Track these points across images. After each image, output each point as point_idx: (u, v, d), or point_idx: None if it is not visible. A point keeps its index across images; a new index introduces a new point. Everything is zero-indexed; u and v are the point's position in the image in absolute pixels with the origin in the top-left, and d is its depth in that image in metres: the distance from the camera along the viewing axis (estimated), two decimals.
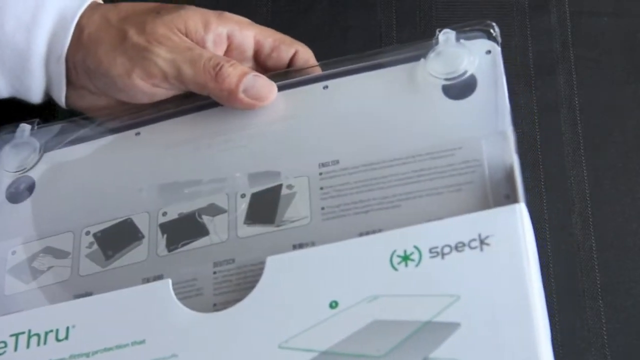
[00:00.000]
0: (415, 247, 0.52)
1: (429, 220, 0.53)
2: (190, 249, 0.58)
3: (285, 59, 0.63)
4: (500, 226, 0.51)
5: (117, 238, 0.59)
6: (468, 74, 0.58)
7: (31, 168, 0.63)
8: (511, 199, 0.53)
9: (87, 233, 0.60)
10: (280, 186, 0.58)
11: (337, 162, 0.58)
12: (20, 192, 0.63)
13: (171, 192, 0.60)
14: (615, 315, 0.61)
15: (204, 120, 0.61)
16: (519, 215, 0.51)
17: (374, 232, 0.54)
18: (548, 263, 0.61)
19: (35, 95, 0.64)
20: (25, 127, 0.64)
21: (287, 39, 0.63)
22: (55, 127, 0.64)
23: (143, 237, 0.59)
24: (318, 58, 0.67)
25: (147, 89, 0.60)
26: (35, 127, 0.64)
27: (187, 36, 0.60)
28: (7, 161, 0.63)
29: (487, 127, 0.56)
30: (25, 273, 0.60)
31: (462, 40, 0.59)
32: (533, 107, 0.66)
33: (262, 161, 0.59)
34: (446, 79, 0.58)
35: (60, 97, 0.63)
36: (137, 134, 0.63)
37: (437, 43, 0.59)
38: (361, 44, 0.68)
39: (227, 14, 0.62)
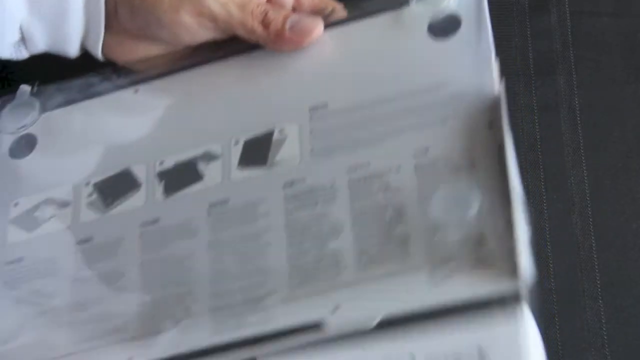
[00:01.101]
0: (411, 355, 0.52)
1: (416, 150, 0.56)
2: (186, 193, 0.60)
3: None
4: (501, 341, 0.51)
5: (116, 187, 0.61)
6: (451, 13, 0.60)
7: (32, 125, 0.65)
8: (494, 126, 0.55)
9: (87, 184, 0.62)
10: (272, 132, 0.60)
11: (326, 105, 0.60)
12: (21, 148, 0.65)
13: (167, 142, 0.62)
14: (615, 315, 0.61)
15: (199, 78, 0.64)
16: (521, 325, 0.50)
17: (361, 166, 0.57)
18: (548, 263, 0.61)
19: (73, 45, 0.64)
20: (25, 89, 0.66)
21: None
22: (54, 87, 0.65)
23: (141, 184, 0.61)
24: None
25: (194, 27, 0.61)
26: (35, 88, 0.66)
27: None
28: (8, 121, 0.65)
29: (472, 62, 0.58)
30: (27, 222, 0.61)
31: None
32: (533, 107, 0.66)
33: (255, 108, 0.61)
34: (431, 20, 0.60)
35: (97, 44, 0.63)
36: (135, 91, 0.64)
37: None
38: None
39: None
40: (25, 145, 0.65)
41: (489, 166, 0.54)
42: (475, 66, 0.58)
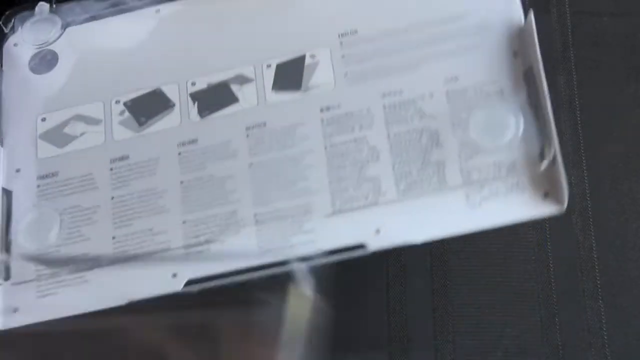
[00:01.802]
0: None
1: (445, 77, 0.59)
2: (222, 114, 0.61)
3: None
4: None
5: (148, 106, 0.62)
6: None
7: (54, 42, 0.66)
8: (519, 54, 0.58)
9: (117, 102, 0.63)
10: (303, 56, 0.62)
11: (356, 31, 0.62)
12: (43, 63, 0.65)
13: (196, 63, 0.63)
14: (615, 315, 0.61)
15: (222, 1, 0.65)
16: None
17: (395, 92, 0.59)
18: (548, 263, 0.61)
19: None
20: (44, 5, 0.67)
21: None
22: (73, 5, 0.66)
23: (174, 105, 0.62)
24: None
25: None
26: (54, 5, 0.67)
27: None
28: (29, 35, 0.66)
29: None
30: (58, 138, 0.63)
31: None
32: None
33: (285, 32, 0.63)
34: None
35: None
36: (157, 11, 0.65)
37: None
38: None
39: None
40: (46, 60, 0.66)
41: (517, 93, 0.58)
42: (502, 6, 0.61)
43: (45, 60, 0.66)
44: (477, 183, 0.57)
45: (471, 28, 0.60)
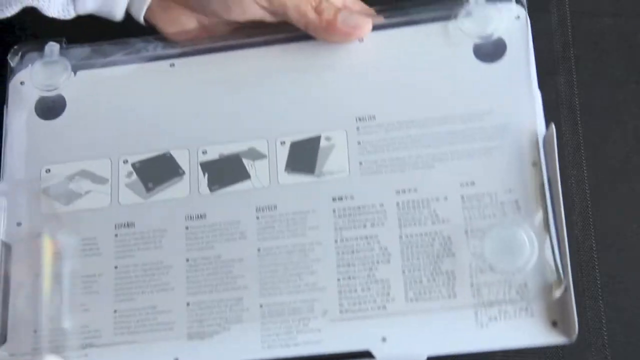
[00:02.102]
0: None
1: (462, 181, 0.58)
2: (233, 190, 0.60)
3: None
4: None
5: (157, 171, 0.61)
6: (498, 37, 0.61)
7: (62, 86, 0.64)
8: (538, 166, 0.57)
9: (125, 162, 0.62)
10: (319, 137, 0.60)
11: (374, 117, 0.61)
12: (50, 108, 0.64)
13: (209, 129, 0.62)
14: (615, 315, 0.61)
15: (239, 60, 0.63)
16: None
17: (409, 190, 0.58)
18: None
19: (120, 7, 0.63)
20: (54, 46, 0.65)
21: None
22: (85, 49, 0.65)
23: (183, 173, 0.61)
24: None
25: (248, 1, 0.61)
26: (64, 46, 0.65)
27: None
28: (38, 77, 0.64)
29: (516, 92, 0.60)
30: (63, 194, 0.61)
31: (491, 2, 0.62)
32: None
33: (301, 109, 0.61)
34: (477, 40, 0.61)
35: (143, 6, 0.63)
36: (172, 65, 0.64)
37: (467, 1, 0.62)
38: None
39: None
40: (54, 105, 0.64)
41: (533, 208, 0.57)
42: (520, 97, 0.60)
43: (52, 105, 0.64)
44: (487, 301, 0.56)
45: (491, 130, 0.59)
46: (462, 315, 0.56)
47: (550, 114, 0.66)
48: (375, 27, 0.62)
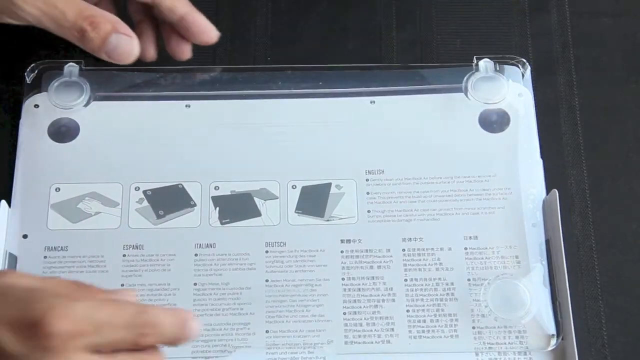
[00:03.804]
0: None
1: (465, 235, 0.61)
2: (243, 225, 0.62)
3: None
4: None
5: (168, 200, 0.62)
6: (502, 110, 0.64)
7: (78, 110, 0.64)
8: (537, 227, 0.61)
9: (137, 189, 0.62)
10: (329, 184, 0.63)
11: (382, 171, 0.63)
12: (64, 132, 0.64)
13: (221, 167, 0.63)
14: (615, 315, 0.61)
15: (255, 108, 0.65)
16: None
17: (415, 239, 0.61)
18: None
19: None
20: (73, 67, 0.65)
21: None
22: (105, 74, 0.65)
23: (195, 205, 0.62)
24: (319, 57, 0.67)
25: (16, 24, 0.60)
26: (83, 67, 0.65)
27: None
28: (54, 98, 0.64)
29: (519, 160, 0.63)
30: (71, 212, 0.62)
31: (497, 72, 0.65)
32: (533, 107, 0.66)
33: (313, 157, 0.63)
34: (482, 111, 0.64)
35: None
36: (187, 106, 0.65)
37: (476, 70, 0.65)
38: (361, 44, 0.68)
39: None
40: (67, 129, 0.64)
41: (532, 264, 0.60)
42: (523, 165, 0.63)
43: (66, 129, 0.64)
44: (487, 344, 0.58)
45: (494, 192, 0.62)
46: (464, 356, 0.58)
47: (550, 114, 0.66)
48: (388, 92, 0.65)
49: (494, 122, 0.64)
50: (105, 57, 0.60)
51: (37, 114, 0.64)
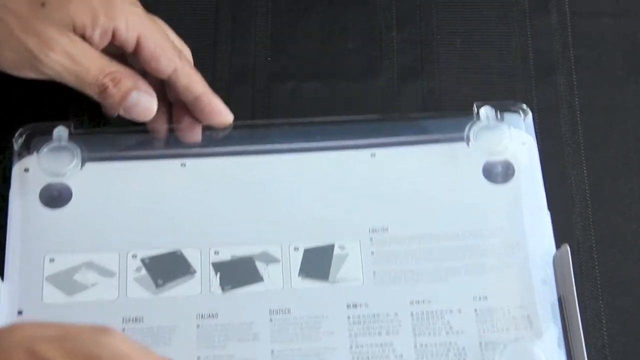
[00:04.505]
0: None
1: (475, 295, 0.59)
2: (245, 292, 0.59)
3: (164, 72, 0.61)
4: None
5: (167, 268, 0.60)
6: (507, 161, 0.63)
7: (69, 175, 0.62)
8: (547, 283, 0.59)
9: (134, 256, 0.60)
10: (332, 246, 0.61)
11: (387, 229, 0.61)
12: (56, 197, 0.62)
13: (221, 230, 0.61)
14: (615, 315, 0.61)
15: (252, 166, 0.63)
16: None
17: (423, 301, 0.59)
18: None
19: None
20: (62, 130, 0.63)
21: (170, 49, 0.61)
22: (96, 136, 0.63)
23: (195, 272, 0.60)
24: (319, 58, 0.67)
25: (36, 78, 0.60)
26: (72, 130, 0.63)
27: (74, 31, 0.59)
28: (44, 164, 0.62)
29: (526, 213, 0.61)
30: (67, 284, 0.59)
31: (499, 121, 0.63)
32: (533, 107, 0.66)
33: (315, 217, 0.61)
34: (486, 162, 0.62)
35: None
36: (183, 165, 0.63)
37: (477, 119, 0.63)
38: (361, 44, 0.68)
39: (118, 4, 0.60)
40: (59, 195, 0.61)
41: (545, 324, 0.58)
42: (529, 218, 0.61)
43: (58, 194, 0.61)
44: None
45: (502, 247, 0.60)
46: None
47: (550, 114, 0.66)
48: (388, 144, 0.63)
49: (498, 173, 0.62)
50: (122, 113, 0.60)
51: (27, 178, 0.62)
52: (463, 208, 0.61)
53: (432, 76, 0.67)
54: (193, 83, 0.62)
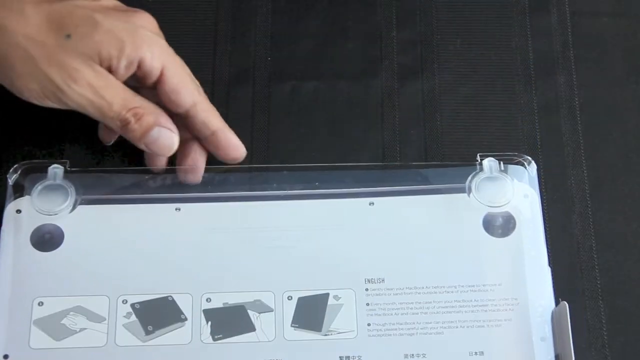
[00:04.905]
0: None
1: (471, 350, 0.58)
2: (237, 342, 0.59)
3: (184, 106, 0.61)
4: None
5: (157, 314, 0.59)
6: (508, 213, 0.62)
7: (63, 216, 0.61)
8: (546, 341, 0.58)
9: (125, 302, 0.59)
10: (327, 295, 0.60)
11: (383, 280, 0.60)
12: (47, 239, 0.61)
13: (213, 277, 0.60)
14: (615, 315, 0.61)
15: (248, 212, 0.62)
16: None
17: (418, 355, 0.58)
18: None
19: None
20: (56, 169, 0.62)
21: (190, 82, 0.61)
22: (92, 176, 0.62)
23: (186, 319, 0.59)
24: (319, 58, 0.67)
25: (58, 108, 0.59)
26: (68, 169, 0.62)
27: (100, 63, 0.58)
28: (37, 202, 0.61)
29: (526, 267, 0.60)
30: (55, 329, 0.58)
31: (502, 172, 0.62)
32: (533, 107, 0.66)
33: (309, 265, 0.61)
34: (487, 213, 0.62)
35: None
36: (178, 209, 0.62)
37: (481, 170, 0.62)
38: (361, 44, 0.68)
39: (144, 35, 0.59)
40: (51, 237, 0.61)
41: None
42: (530, 273, 0.60)
43: (50, 237, 0.61)
44: None
45: (500, 303, 0.59)
46: None
47: (550, 114, 0.66)
48: (387, 193, 0.62)
49: (499, 226, 0.61)
50: (143, 148, 0.59)
51: (19, 220, 0.61)
52: (462, 261, 0.60)
53: (432, 76, 0.67)
54: (211, 118, 0.62)
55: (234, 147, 0.63)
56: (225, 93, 0.66)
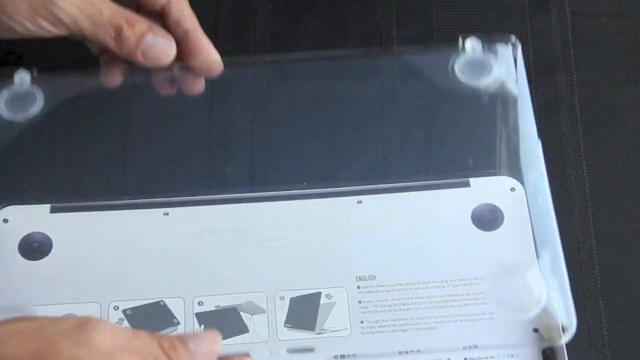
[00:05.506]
0: None
1: (465, 344, 0.58)
2: (230, 343, 0.58)
3: (158, 2, 0.60)
4: None
5: (149, 319, 0.59)
6: (496, 206, 0.62)
7: (49, 227, 0.61)
8: (539, 332, 0.58)
9: (116, 308, 0.59)
10: (319, 294, 0.60)
11: (374, 277, 0.60)
12: (35, 248, 0.61)
13: (204, 279, 0.60)
14: (615, 315, 0.61)
15: (236, 214, 0.62)
16: None
17: (412, 352, 0.58)
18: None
19: None
20: (23, 75, 0.61)
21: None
22: (60, 78, 0.61)
23: (178, 323, 0.59)
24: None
25: (49, 33, 0.58)
26: (35, 74, 0.61)
27: None
28: (9, 109, 0.60)
29: (514, 259, 0.60)
30: None
31: (486, 53, 0.61)
32: (533, 107, 0.66)
33: (300, 265, 0.60)
34: (476, 207, 0.62)
35: None
36: (166, 214, 0.62)
37: (463, 51, 0.61)
38: (361, 44, 0.68)
39: None
40: (38, 246, 0.61)
41: None
42: (519, 265, 0.59)
43: (38, 245, 0.61)
44: None
45: (491, 294, 0.59)
46: None
47: (550, 114, 0.66)
48: (376, 191, 0.62)
49: (487, 219, 0.61)
50: (140, 58, 0.59)
51: (6, 229, 0.61)
52: (452, 255, 0.60)
53: None
54: (184, 17, 0.61)
55: (206, 52, 0.60)
56: (225, 93, 0.66)
